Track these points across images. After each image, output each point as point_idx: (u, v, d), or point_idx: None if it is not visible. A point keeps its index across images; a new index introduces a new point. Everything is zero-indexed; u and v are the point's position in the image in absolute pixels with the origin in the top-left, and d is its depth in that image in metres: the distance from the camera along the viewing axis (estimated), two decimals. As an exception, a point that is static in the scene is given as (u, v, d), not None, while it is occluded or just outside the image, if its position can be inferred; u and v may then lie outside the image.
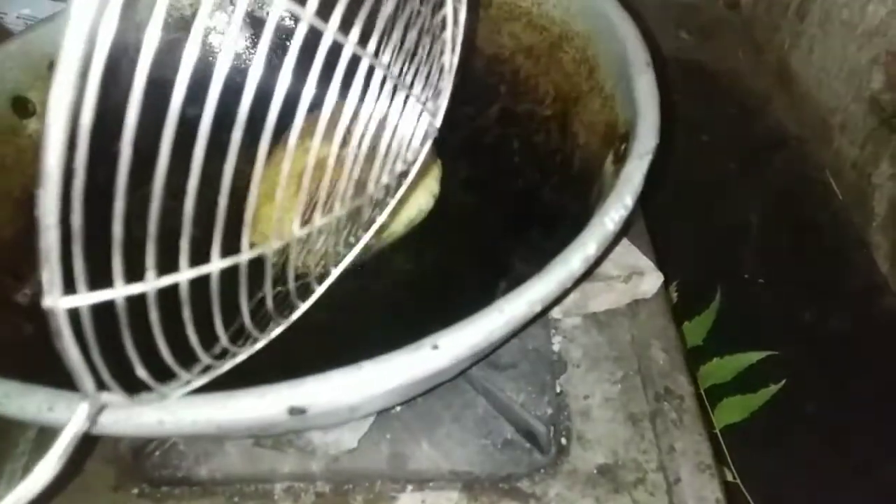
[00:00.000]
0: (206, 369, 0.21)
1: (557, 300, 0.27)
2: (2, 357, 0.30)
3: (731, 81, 0.78)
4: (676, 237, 0.55)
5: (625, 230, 0.27)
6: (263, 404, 0.21)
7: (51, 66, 0.39)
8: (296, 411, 0.22)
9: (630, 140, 0.30)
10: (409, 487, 0.36)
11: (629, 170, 0.27)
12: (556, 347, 0.41)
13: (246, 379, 0.22)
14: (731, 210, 0.67)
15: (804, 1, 0.70)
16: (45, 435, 0.38)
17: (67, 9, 0.12)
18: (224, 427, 0.21)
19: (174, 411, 0.21)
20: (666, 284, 0.42)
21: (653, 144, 0.28)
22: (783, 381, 0.53)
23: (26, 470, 0.18)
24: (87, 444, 0.33)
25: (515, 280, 0.36)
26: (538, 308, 0.24)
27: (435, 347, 0.23)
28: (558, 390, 0.39)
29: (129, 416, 0.21)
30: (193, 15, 0.28)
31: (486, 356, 0.36)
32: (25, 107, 0.38)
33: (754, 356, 0.54)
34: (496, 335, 0.23)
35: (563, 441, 0.37)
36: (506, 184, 0.41)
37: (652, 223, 0.46)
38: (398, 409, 0.38)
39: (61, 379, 0.23)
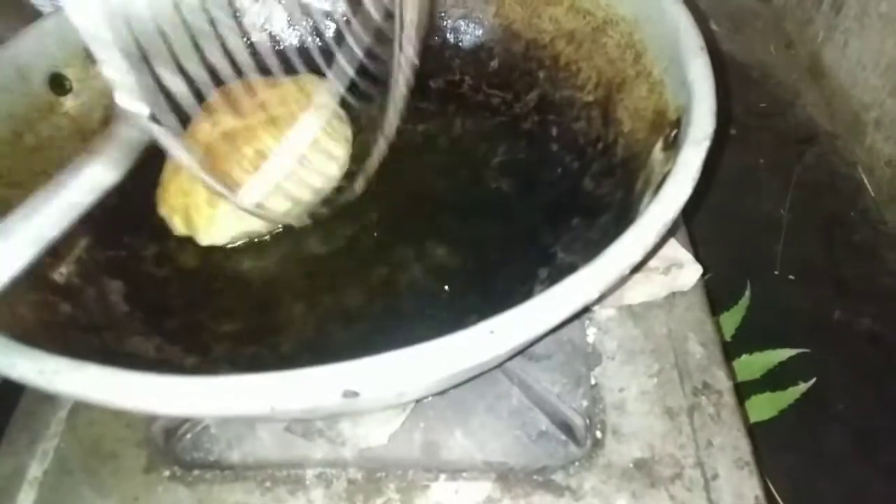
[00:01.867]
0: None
1: (608, 292, 0.27)
2: (41, 336, 0.29)
3: (761, 74, 0.77)
4: (705, 231, 0.54)
5: (675, 224, 0.26)
6: (317, 385, 0.21)
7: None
8: (349, 394, 0.21)
9: (683, 126, 0.29)
10: (443, 477, 0.35)
11: (686, 156, 0.26)
12: (590, 339, 0.40)
13: (282, 363, 0.22)
14: (760, 205, 0.66)
15: (840, -7, 0.69)
16: (76, 416, 0.37)
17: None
18: (278, 409, 0.21)
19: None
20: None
21: (711, 129, 0.27)
22: (813, 380, 0.52)
23: None
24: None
25: (557, 268, 0.36)
26: (595, 296, 0.23)
27: (491, 332, 0.22)
28: (593, 382, 0.38)
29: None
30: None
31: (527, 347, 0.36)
32: (62, 84, 0.37)
33: (784, 353, 0.53)
34: (553, 321, 0.23)
35: (598, 434, 0.37)
36: (544, 171, 0.40)
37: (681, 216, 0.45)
38: (431, 398, 0.37)
39: (101, 356, 0.23)
